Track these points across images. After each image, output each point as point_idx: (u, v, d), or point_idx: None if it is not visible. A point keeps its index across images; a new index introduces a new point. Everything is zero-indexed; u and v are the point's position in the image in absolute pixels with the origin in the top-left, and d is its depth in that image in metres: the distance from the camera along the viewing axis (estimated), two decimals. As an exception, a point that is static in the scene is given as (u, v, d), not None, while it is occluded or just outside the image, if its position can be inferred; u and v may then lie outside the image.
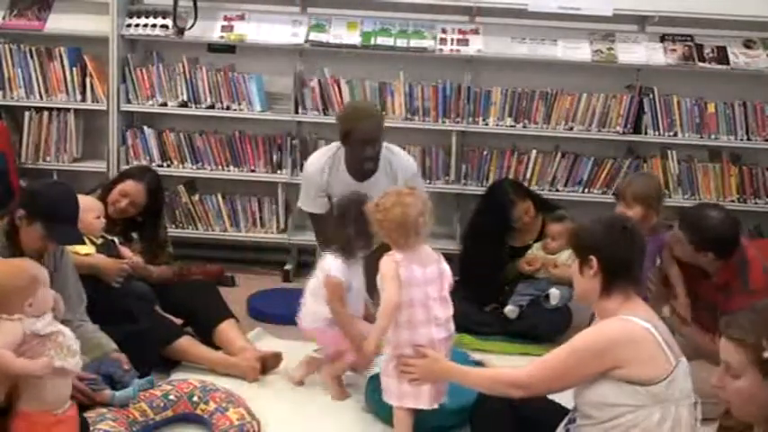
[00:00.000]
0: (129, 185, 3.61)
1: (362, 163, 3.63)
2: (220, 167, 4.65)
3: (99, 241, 3.35)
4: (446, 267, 2.78)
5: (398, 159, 3.78)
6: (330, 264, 3.09)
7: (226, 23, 4.61)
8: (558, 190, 4.60)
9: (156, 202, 3.73)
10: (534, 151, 4.60)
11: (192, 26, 4.51)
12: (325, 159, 3.76)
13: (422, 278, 2.67)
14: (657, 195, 3.48)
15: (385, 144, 3.74)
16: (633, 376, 2.13)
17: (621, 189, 3.54)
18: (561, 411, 2.44)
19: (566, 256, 3.86)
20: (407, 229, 2.64)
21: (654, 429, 2.12)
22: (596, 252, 2.25)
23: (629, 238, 2.27)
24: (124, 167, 4.42)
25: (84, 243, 3.17)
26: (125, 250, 3.47)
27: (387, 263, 2.65)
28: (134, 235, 3.67)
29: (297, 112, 4.59)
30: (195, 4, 4.49)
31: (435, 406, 2.69)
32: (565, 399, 2.42)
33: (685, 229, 3.15)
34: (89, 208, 3.35)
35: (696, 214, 3.23)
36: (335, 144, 3.79)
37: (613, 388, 2.15)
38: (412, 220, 2.64)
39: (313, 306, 3.16)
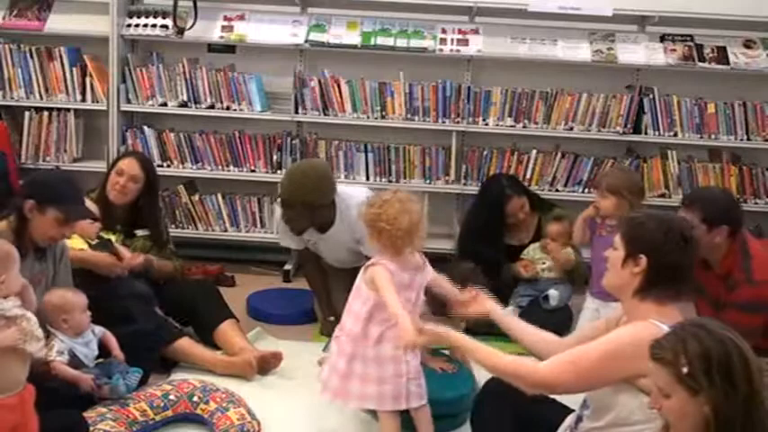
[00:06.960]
0: (122, 164, 3.65)
1: (287, 222, 3.61)
2: (220, 167, 4.65)
3: (94, 242, 3.35)
4: (428, 272, 2.71)
5: (347, 206, 3.57)
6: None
7: (226, 23, 4.61)
8: (558, 190, 4.60)
9: (151, 176, 3.70)
10: (534, 151, 4.60)
11: (192, 26, 4.51)
12: None
13: (407, 283, 2.61)
14: (630, 187, 3.46)
15: (339, 190, 3.61)
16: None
17: (598, 180, 3.65)
18: (563, 411, 2.43)
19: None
20: (412, 236, 2.57)
21: None
22: (648, 253, 2.14)
23: (688, 248, 2.15)
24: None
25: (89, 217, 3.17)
26: (123, 250, 3.45)
27: (381, 273, 2.55)
28: (137, 233, 3.67)
29: (297, 112, 4.59)
30: (195, 4, 4.49)
31: (402, 407, 2.64)
32: (565, 398, 2.42)
33: (695, 210, 3.02)
34: None
35: (699, 193, 3.20)
36: None
37: (632, 399, 2.07)
38: (416, 227, 2.57)
39: None
